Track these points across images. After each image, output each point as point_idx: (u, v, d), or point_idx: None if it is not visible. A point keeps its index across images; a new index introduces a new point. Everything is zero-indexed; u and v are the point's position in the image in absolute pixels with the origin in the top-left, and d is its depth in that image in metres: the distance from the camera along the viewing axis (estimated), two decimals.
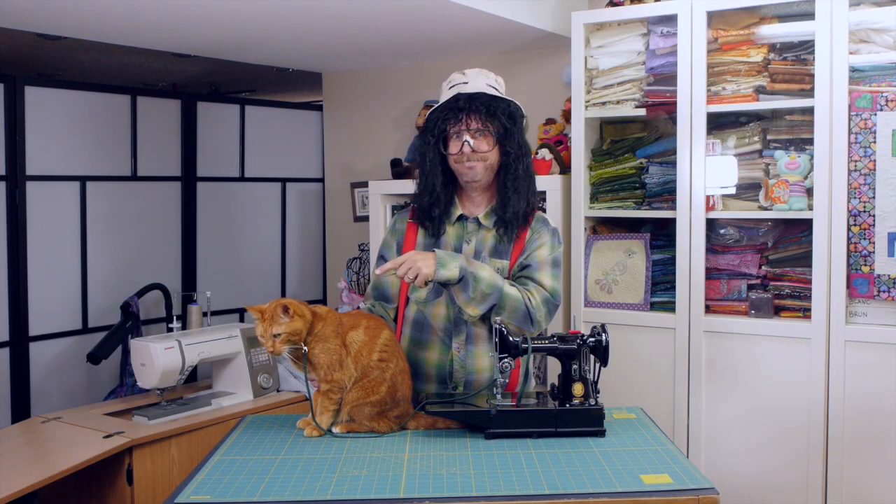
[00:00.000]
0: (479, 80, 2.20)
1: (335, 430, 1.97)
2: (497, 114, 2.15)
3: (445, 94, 2.21)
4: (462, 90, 2.17)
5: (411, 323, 2.23)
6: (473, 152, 2.15)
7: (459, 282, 2.05)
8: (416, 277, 2.02)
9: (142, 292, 3.85)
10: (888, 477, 2.70)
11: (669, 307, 3.07)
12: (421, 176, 2.24)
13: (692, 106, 2.95)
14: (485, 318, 2.14)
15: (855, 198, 2.71)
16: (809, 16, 2.78)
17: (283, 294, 4.74)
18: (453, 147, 2.18)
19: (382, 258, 2.33)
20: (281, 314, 1.90)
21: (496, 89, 2.21)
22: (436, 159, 2.21)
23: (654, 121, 3.21)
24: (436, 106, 2.21)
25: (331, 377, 1.95)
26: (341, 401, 1.96)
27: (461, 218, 2.25)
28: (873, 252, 2.70)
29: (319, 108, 4.77)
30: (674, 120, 3.01)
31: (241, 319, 4.54)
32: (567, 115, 3.53)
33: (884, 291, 2.69)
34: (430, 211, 2.23)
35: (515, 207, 2.17)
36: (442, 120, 2.17)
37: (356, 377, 1.94)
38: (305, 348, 1.93)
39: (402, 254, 2.29)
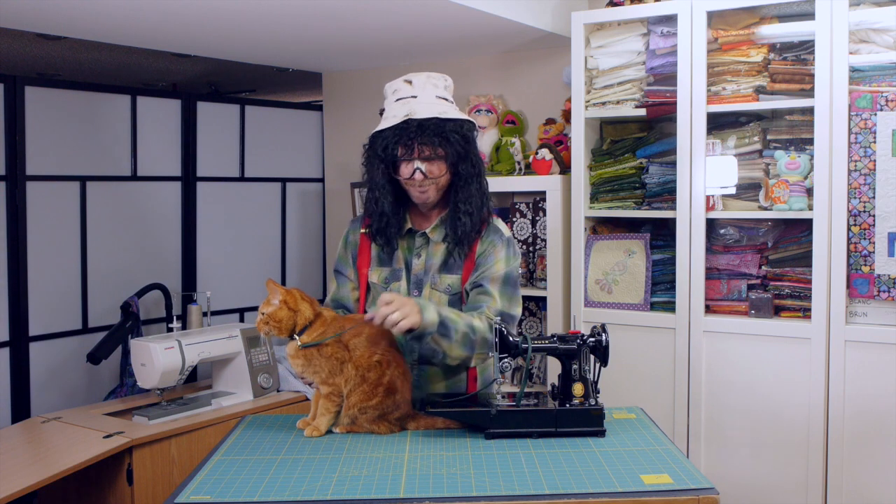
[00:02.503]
0: (428, 92, 2.09)
1: (335, 430, 1.97)
2: (450, 139, 2.05)
3: (390, 104, 2.13)
4: (411, 105, 2.06)
5: None
6: (425, 178, 2.08)
7: (439, 328, 1.96)
8: (396, 323, 1.90)
9: (142, 292, 3.85)
10: (888, 477, 2.70)
11: (669, 307, 3.07)
12: (370, 195, 2.17)
13: (692, 106, 2.95)
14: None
15: (855, 198, 2.71)
16: (809, 16, 2.78)
17: None
18: (405, 171, 2.09)
19: (339, 273, 2.28)
20: (274, 297, 1.95)
21: (446, 99, 2.12)
22: (384, 180, 2.14)
23: (654, 121, 3.21)
24: (382, 127, 2.10)
25: (332, 381, 1.95)
26: (342, 403, 1.97)
27: (410, 231, 2.20)
28: (873, 252, 2.70)
29: (319, 108, 4.77)
30: (674, 120, 3.01)
31: (241, 319, 4.53)
32: (567, 115, 3.53)
33: (884, 291, 2.69)
34: (383, 231, 2.17)
35: (466, 226, 2.10)
36: (392, 145, 2.07)
37: (356, 382, 1.94)
38: (300, 343, 1.94)
39: (357, 267, 2.23)
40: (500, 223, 2.21)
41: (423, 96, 2.09)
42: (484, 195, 2.15)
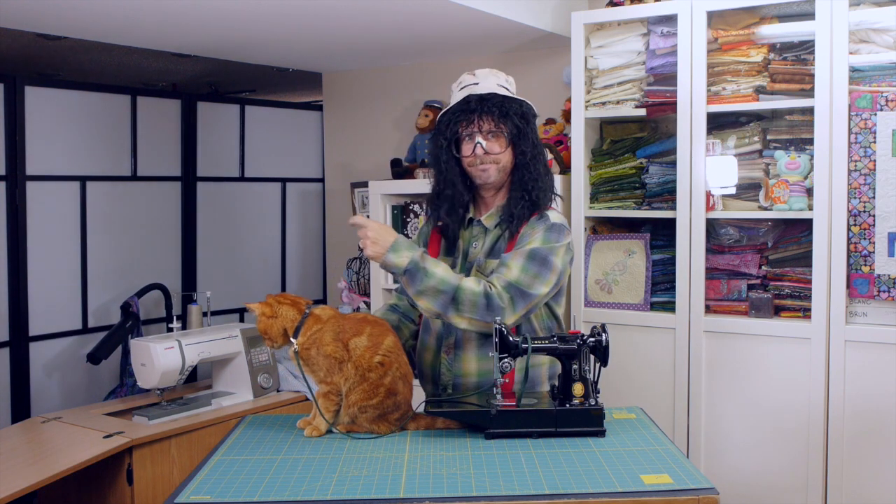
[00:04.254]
0: (490, 81, 2.16)
1: (335, 429, 1.97)
2: (509, 114, 2.11)
3: (456, 96, 2.18)
4: (473, 91, 2.13)
5: (423, 324, 2.25)
6: (486, 154, 2.12)
7: (405, 273, 1.99)
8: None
9: (142, 292, 3.85)
10: (888, 477, 2.70)
11: (669, 307, 3.07)
12: (437, 179, 2.21)
13: (692, 106, 2.95)
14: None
15: (855, 198, 2.71)
16: (809, 16, 2.78)
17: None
18: (466, 149, 2.14)
19: None
20: (254, 314, 2.01)
21: (507, 89, 2.18)
22: (450, 162, 2.17)
23: (654, 121, 3.21)
24: (446, 108, 2.18)
25: (329, 380, 1.96)
26: (341, 402, 1.97)
27: (471, 221, 2.23)
28: (873, 252, 2.70)
29: (319, 108, 4.77)
30: (674, 120, 3.01)
31: (241, 319, 4.54)
32: (567, 115, 3.53)
33: (884, 291, 2.69)
34: (451, 213, 2.19)
35: (523, 207, 2.13)
36: (454, 122, 2.14)
37: (355, 381, 1.94)
38: (296, 346, 1.95)
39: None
40: (553, 212, 2.17)
41: (485, 84, 2.15)
42: (543, 177, 2.16)
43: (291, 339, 1.97)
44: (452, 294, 1.99)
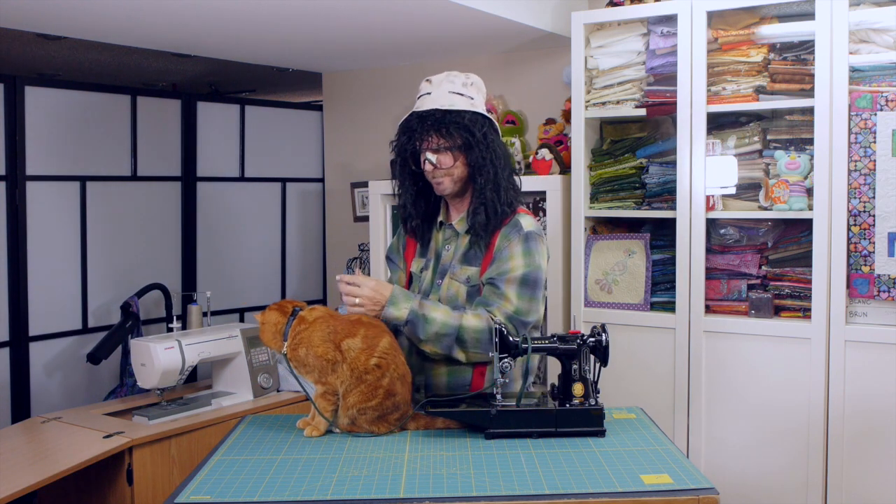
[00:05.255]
0: (442, 88, 2.15)
1: (335, 430, 1.97)
2: (449, 129, 2.11)
3: (415, 105, 2.20)
4: (425, 102, 2.15)
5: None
6: (437, 168, 2.15)
7: (407, 324, 2.06)
8: (356, 307, 2.04)
9: (142, 292, 3.85)
10: (888, 477, 2.70)
11: (669, 307, 3.07)
12: (400, 190, 2.27)
13: (692, 106, 2.95)
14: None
15: (855, 198, 2.71)
16: (809, 16, 2.78)
17: (283, 294, 4.74)
18: (421, 163, 2.18)
19: (390, 259, 2.39)
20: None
21: (461, 94, 2.16)
22: (405, 174, 2.23)
23: (654, 121, 3.21)
24: (400, 123, 2.21)
25: (325, 380, 1.97)
26: (338, 402, 1.97)
27: (441, 224, 2.27)
28: (873, 252, 2.70)
29: (319, 108, 4.77)
30: (674, 120, 3.01)
31: (241, 319, 4.54)
32: (567, 115, 3.53)
33: (884, 291, 2.69)
34: (406, 223, 2.29)
35: (483, 217, 2.14)
36: (406, 138, 2.18)
37: (352, 383, 1.94)
38: (284, 349, 1.99)
39: (405, 257, 2.32)
40: (525, 218, 2.18)
41: (437, 93, 2.16)
42: (499, 187, 2.15)
43: (283, 343, 2.00)
44: (456, 335, 2.06)
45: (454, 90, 2.17)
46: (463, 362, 2.10)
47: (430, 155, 2.14)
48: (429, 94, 2.17)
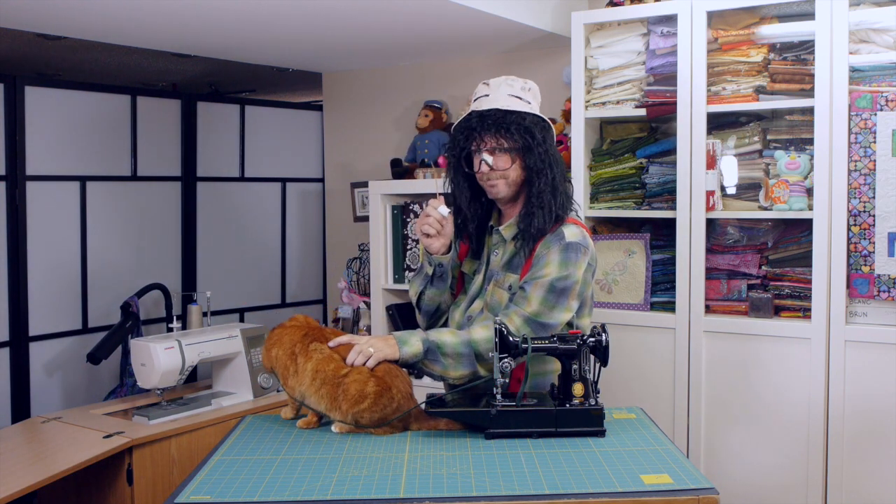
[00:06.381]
0: (501, 91, 2.12)
1: (333, 429, 1.98)
2: (510, 129, 2.07)
3: (471, 107, 2.18)
4: (482, 103, 2.12)
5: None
6: (492, 170, 2.11)
7: (426, 355, 2.03)
8: (366, 360, 1.99)
9: (142, 292, 3.85)
10: (888, 477, 2.70)
11: (669, 307, 3.07)
12: (454, 193, 2.23)
13: (692, 106, 2.95)
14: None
15: (855, 198, 2.71)
16: (809, 16, 2.78)
17: (283, 294, 4.74)
18: (475, 165, 2.15)
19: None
20: None
21: (520, 98, 2.13)
22: (459, 177, 2.19)
23: (654, 121, 3.21)
24: (456, 124, 2.19)
25: (285, 383, 2.05)
26: (301, 401, 2.03)
27: (492, 228, 2.24)
28: (873, 252, 2.70)
29: (319, 108, 4.77)
30: (674, 120, 3.01)
31: (241, 319, 4.54)
32: (567, 115, 3.53)
33: (884, 291, 2.69)
34: (462, 228, 2.24)
35: (535, 223, 2.10)
36: (463, 138, 2.13)
37: (317, 387, 1.97)
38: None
39: (458, 253, 2.31)
40: (570, 227, 2.13)
41: (495, 94, 2.13)
42: (556, 191, 2.12)
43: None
44: (470, 352, 2.04)
45: (513, 93, 2.13)
46: (486, 377, 2.05)
47: (486, 156, 2.10)
48: (486, 95, 2.13)
